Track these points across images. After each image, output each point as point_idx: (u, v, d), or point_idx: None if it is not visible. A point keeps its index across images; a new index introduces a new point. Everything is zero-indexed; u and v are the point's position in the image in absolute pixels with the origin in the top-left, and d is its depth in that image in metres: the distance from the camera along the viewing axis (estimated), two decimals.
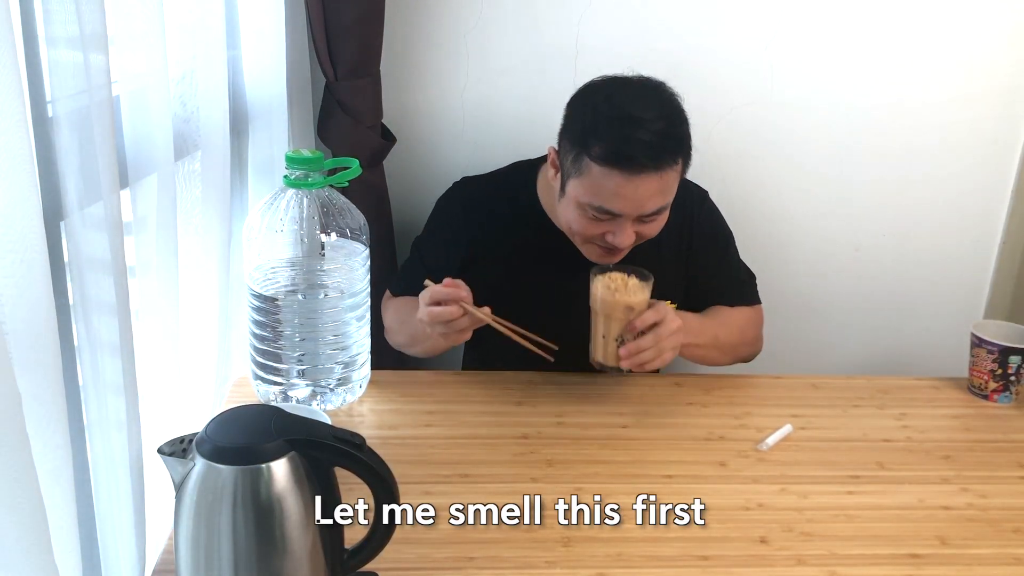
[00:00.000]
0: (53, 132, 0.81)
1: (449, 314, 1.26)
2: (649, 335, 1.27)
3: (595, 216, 1.33)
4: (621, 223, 1.33)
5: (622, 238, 1.33)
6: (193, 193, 1.21)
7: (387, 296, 1.59)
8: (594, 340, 1.32)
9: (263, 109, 1.42)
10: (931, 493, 1.20)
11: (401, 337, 1.52)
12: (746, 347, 1.54)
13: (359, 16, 1.55)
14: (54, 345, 0.76)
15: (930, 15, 1.77)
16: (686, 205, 1.53)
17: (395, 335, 1.54)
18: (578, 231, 1.37)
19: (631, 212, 1.31)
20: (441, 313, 1.26)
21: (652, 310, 1.29)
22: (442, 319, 1.27)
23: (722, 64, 1.78)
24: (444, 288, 1.27)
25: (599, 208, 1.31)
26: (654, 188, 1.30)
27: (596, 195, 1.30)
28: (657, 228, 1.38)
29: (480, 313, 1.28)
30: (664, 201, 1.33)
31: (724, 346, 1.48)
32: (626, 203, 1.30)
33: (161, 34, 0.97)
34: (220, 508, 0.83)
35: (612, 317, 1.28)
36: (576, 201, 1.33)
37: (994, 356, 1.42)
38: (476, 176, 1.60)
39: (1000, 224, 1.94)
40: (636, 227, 1.34)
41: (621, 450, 1.27)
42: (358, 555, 0.92)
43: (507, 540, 1.07)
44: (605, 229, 1.34)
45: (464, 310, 1.27)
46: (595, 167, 1.29)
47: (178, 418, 1.12)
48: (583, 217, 1.34)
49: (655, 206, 1.32)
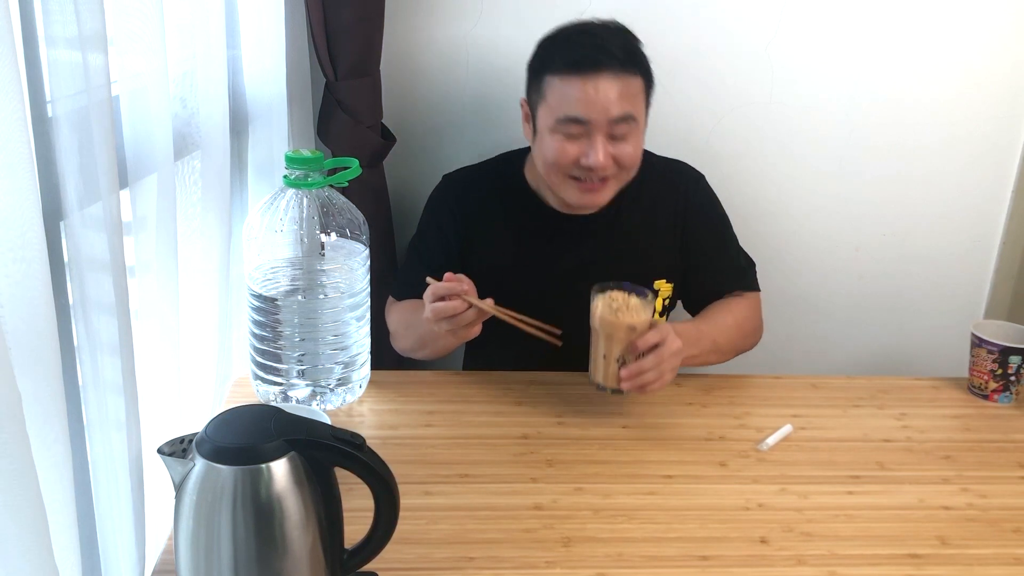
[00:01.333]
0: (53, 132, 0.81)
1: (453, 308, 1.25)
2: (651, 356, 1.26)
3: (566, 134, 1.36)
4: (592, 137, 1.35)
5: (595, 156, 1.35)
6: (193, 193, 1.21)
7: (390, 302, 1.58)
8: (594, 361, 1.29)
9: (263, 109, 1.42)
10: (931, 493, 1.20)
11: (408, 341, 1.50)
12: (746, 340, 1.54)
13: (359, 16, 1.55)
14: (54, 345, 0.76)
15: (930, 15, 1.77)
16: (680, 183, 1.57)
17: (402, 340, 1.53)
18: (554, 159, 1.38)
19: (597, 116, 1.34)
20: (445, 308, 1.26)
21: (654, 331, 1.27)
22: (446, 314, 1.26)
23: (722, 64, 1.78)
24: (445, 283, 1.27)
25: (566, 118, 1.35)
26: (615, 90, 1.34)
27: (561, 106, 1.35)
28: (631, 154, 1.39)
29: (483, 304, 1.27)
30: (630, 107, 1.36)
31: (724, 348, 1.48)
32: (590, 107, 1.33)
33: (161, 34, 0.97)
34: (220, 508, 0.83)
35: (614, 338, 1.26)
36: (547, 128, 1.38)
37: (994, 356, 1.42)
38: (461, 169, 1.62)
39: (1000, 224, 1.94)
40: (610, 147, 1.36)
41: (621, 450, 1.27)
42: (358, 555, 0.92)
43: (507, 540, 1.07)
44: (578, 151, 1.36)
45: (468, 303, 1.26)
46: (557, 80, 1.35)
47: (178, 418, 1.12)
48: (556, 142, 1.37)
49: (620, 110, 1.35)
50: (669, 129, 1.79)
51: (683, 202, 1.55)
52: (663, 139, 1.75)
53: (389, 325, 1.56)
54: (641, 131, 1.41)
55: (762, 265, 1.88)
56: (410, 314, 1.48)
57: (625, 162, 1.39)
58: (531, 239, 1.52)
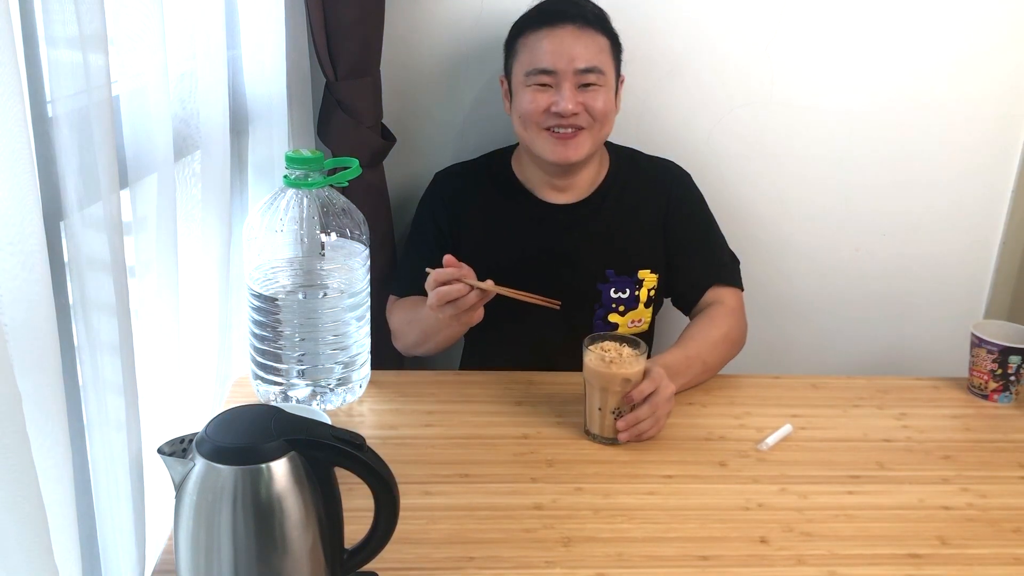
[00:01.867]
0: (53, 132, 0.81)
1: (457, 291, 1.27)
2: (646, 407, 1.26)
3: (538, 85, 1.46)
4: (561, 85, 1.45)
5: (564, 102, 1.44)
6: (193, 193, 1.21)
7: (391, 301, 1.60)
8: (589, 413, 1.28)
9: (263, 109, 1.42)
10: (931, 493, 1.20)
11: (411, 336, 1.51)
12: (733, 349, 1.53)
13: (359, 16, 1.55)
14: (54, 345, 0.76)
15: (930, 15, 1.77)
16: (665, 179, 1.62)
17: (404, 337, 1.53)
18: (527, 111, 1.47)
19: (563, 64, 1.44)
20: (448, 292, 1.27)
21: (648, 380, 1.26)
22: (449, 297, 1.27)
23: (722, 64, 1.78)
24: (446, 270, 1.28)
25: (535, 70, 1.46)
26: (580, 42, 1.45)
27: (531, 59, 1.47)
28: (600, 102, 1.47)
29: (484, 285, 1.28)
30: (596, 60, 1.46)
31: (713, 365, 1.48)
32: (557, 57, 1.44)
33: (161, 34, 0.97)
34: (220, 508, 0.83)
35: (609, 390, 1.24)
36: (521, 84, 1.48)
37: (994, 356, 1.42)
38: (452, 165, 1.68)
39: (1000, 224, 1.94)
40: (578, 96, 1.45)
41: (621, 450, 1.27)
42: (358, 555, 0.92)
43: (507, 540, 1.07)
44: (549, 99, 1.46)
45: (469, 286, 1.27)
46: (528, 38, 1.48)
47: (178, 418, 1.12)
48: (528, 94, 1.47)
49: (586, 60, 1.45)
50: (669, 129, 1.79)
51: (666, 197, 1.60)
52: (663, 139, 1.76)
53: (391, 324, 1.57)
54: (611, 87, 1.49)
55: (761, 265, 1.88)
56: (412, 310, 1.50)
57: (594, 111, 1.46)
58: (521, 229, 1.56)
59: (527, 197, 1.58)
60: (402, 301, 1.56)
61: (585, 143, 1.48)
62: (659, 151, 1.67)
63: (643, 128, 1.77)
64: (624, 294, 1.57)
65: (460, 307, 1.28)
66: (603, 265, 1.56)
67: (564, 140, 1.47)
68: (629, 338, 1.30)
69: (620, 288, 1.57)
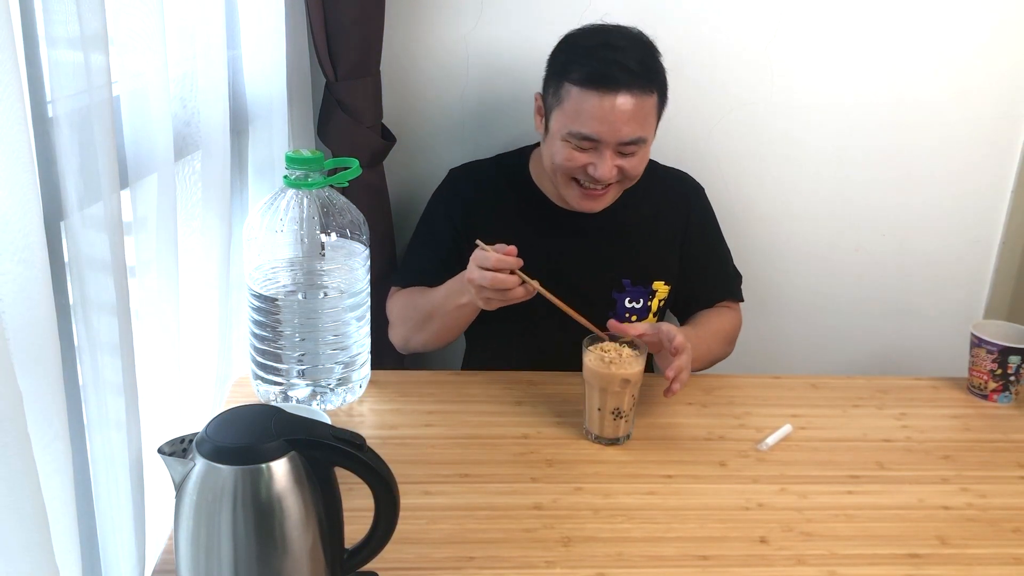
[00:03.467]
0: (53, 132, 0.81)
1: (511, 282, 1.26)
2: (684, 356, 1.29)
3: (577, 146, 1.39)
4: (601, 152, 1.39)
5: (603, 169, 1.39)
6: (193, 193, 1.21)
7: (393, 291, 1.58)
8: (589, 413, 1.28)
9: (263, 109, 1.42)
10: (931, 493, 1.20)
11: (412, 321, 1.49)
12: (724, 348, 1.58)
13: (359, 16, 1.55)
14: (54, 345, 0.76)
15: (930, 15, 1.77)
16: (684, 193, 1.62)
17: (402, 326, 1.52)
18: (561, 164, 1.42)
19: (609, 137, 1.37)
20: (504, 280, 1.26)
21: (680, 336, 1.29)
22: (501, 285, 1.26)
23: (722, 63, 1.78)
24: (505, 257, 1.27)
25: (578, 134, 1.38)
26: (630, 111, 1.36)
27: (575, 120, 1.37)
28: (637, 166, 1.43)
29: (534, 283, 1.27)
30: (641, 131, 1.39)
31: (712, 355, 1.52)
32: (603, 126, 1.36)
33: (161, 34, 0.97)
34: (220, 508, 0.83)
35: (608, 391, 1.24)
36: (559, 134, 1.41)
37: (994, 356, 1.42)
38: (467, 163, 1.65)
39: (1000, 224, 1.94)
40: (617, 160, 1.40)
41: (621, 450, 1.27)
42: (358, 555, 0.92)
43: (507, 540, 1.07)
44: (586, 160, 1.40)
45: (521, 278, 1.27)
46: (574, 90, 1.37)
47: (178, 418, 1.12)
48: (565, 149, 1.40)
49: (631, 133, 1.37)
50: (669, 129, 1.79)
51: (686, 212, 1.60)
52: (663, 139, 1.75)
53: (390, 313, 1.56)
54: (649, 148, 1.44)
55: (761, 265, 1.88)
56: (416, 296, 1.49)
57: (629, 173, 1.43)
58: (534, 233, 1.53)
59: (544, 201, 1.55)
60: (405, 291, 1.55)
61: (612, 196, 1.46)
62: (659, 151, 1.66)
63: None
64: (638, 304, 1.57)
65: (505, 298, 1.27)
66: (620, 274, 1.55)
67: (592, 196, 1.44)
68: (630, 340, 1.30)
69: (635, 298, 1.56)
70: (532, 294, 1.29)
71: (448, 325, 1.44)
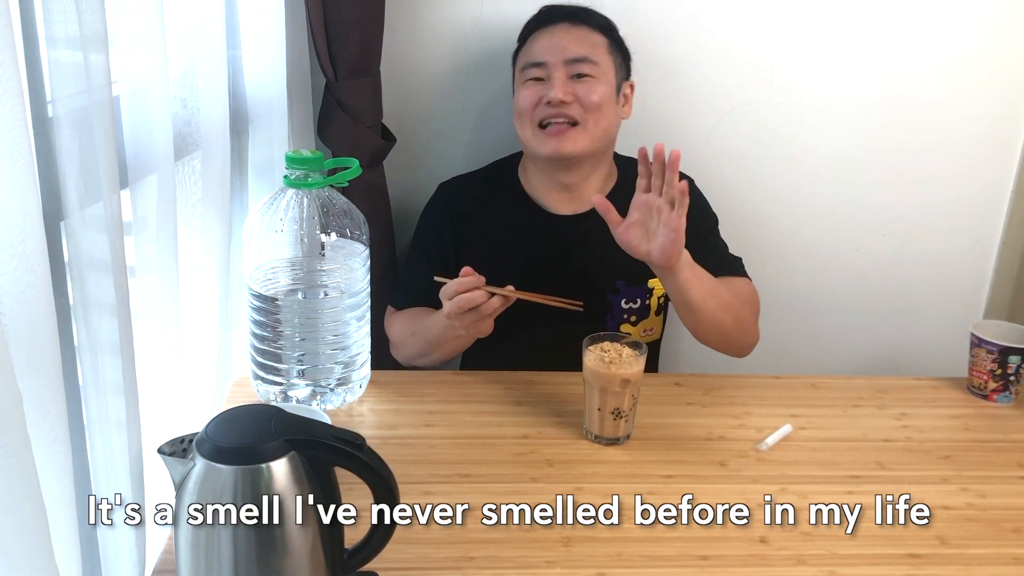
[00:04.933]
0: (53, 132, 0.81)
1: (480, 297, 1.27)
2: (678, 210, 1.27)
3: (532, 79, 1.49)
4: (552, 76, 1.47)
5: (555, 91, 1.45)
6: (193, 193, 1.21)
7: (389, 312, 1.59)
8: (589, 413, 1.28)
9: (263, 109, 1.42)
10: (931, 493, 1.20)
11: (414, 347, 1.51)
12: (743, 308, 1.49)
13: (359, 16, 1.55)
14: (54, 345, 0.76)
15: (930, 14, 1.77)
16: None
17: (406, 347, 1.53)
18: (524, 106, 1.49)
19: (554, 56, 1.47)
20: (472, 298, 1.27)
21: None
22: (472, 303, 1.27)
23: (722, 64, 1.78)
24: (467, 278, 1.28)
25: (529, 64, 1.49)
26: (572, 35, 1.48)
27: (525, 58, 1.51)
28: (590, 93, 1.47)
29: (505, 291, 1.29)
30: (586, 51, 1.47)
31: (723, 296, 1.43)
32: (547, 50, 1.48)
33: (161, 34, 0.97)
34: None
35: (608, 391, 1.24)
36: (519, 85, 1.51)
37: (994, 356, 1.42)
38: (456, 177, 1.66)
39: (1000, 224, 1.94)
40: (571, 86, 1.46)
41: (621, 450, 1.27)
42: (358, 555, 0.92)
43: (507, 540, 1.07)
44: (542, 90, 1.47)
45: (490, 292, 1.28)
46: (526, 42, 1.52)
47: (178, 418, 1.12)
48: (524, 91, 1.49)
49: (577, 51, 1.47)
50: (669, 129, 1.79)
51: None
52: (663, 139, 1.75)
53: (391, 335, 1.57)
54: (608, 82, 1.49)
55: (762, 265, 1.88)
56: (415, 321, 1.49)
57: (587, 102, 1.46)
58: (528, 241, 1.54)
59: (534, 208, 1.56)
60: (402, 312, 1.56)
61: (580, 138, 1.47)
62: None
63: (643, 128, 1.77)
64: (636, 304, 1.56)
65: (482, 313, 1.28)
66: (613, 276, 1.54)
67: (557, 134, 1.46)
68: (631, 339, 1.30)
69: (631, 298, 1.56)
70: (511, 301, 1.30)
71: (450, 350, 1.46)
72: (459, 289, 1.28)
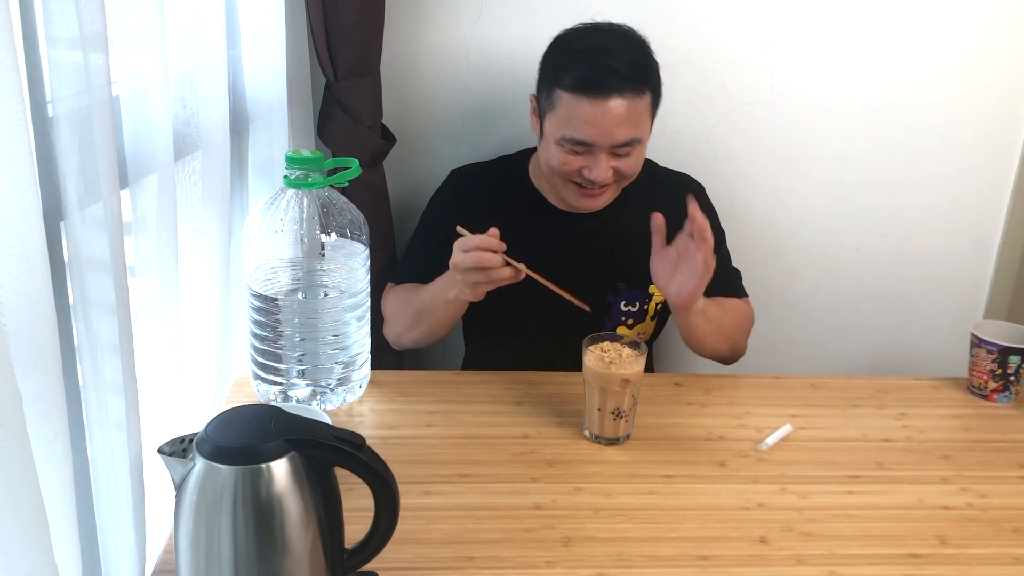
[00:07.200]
0: (53, 132, 0.81)
1: (495, 261, 1.26)
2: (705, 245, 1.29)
3: (571, 150, 1.39)
4: (595, 155, 1.39)
5: (598, 172, 1.39)
6: (193, 193, 1.21)
7: (388, 288, 1.59)
8: (588, 413, 1.28)
9: (263, 109, 1.42)
10: (931, 493, 1.20)
11: (403, 319, 1.50)
12: (739, 336, 1.54)
13: (359, 16, 1.55)
14: (54, 345, 0.76)
15: (930, 15, 1.77)
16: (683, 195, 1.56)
17: (395, 322, 1.53)
18: (557, 167, 1.42)
19: (602, 140, 1.37)
20: (488, 258, 1.26)
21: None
22: (486, 263, 1.26)
23: (722, 64, 1.78)
24: (487, 237, 1.27)
25: (572, 139, 1.38)
26: (622, 115, 1.36)
27: (568, 125, 1.37)
28: (633, 166, 1.42)
29: (519, 266, 1.28)
30: (635, 132, 1.38)
31: (727, 329, 1.48)
32: (596, 131, 1.36)
33: (161, 34, 0.97)
34: (220, 508, 0.83)
35: (608, 391, 1.24)
36: (552, 138, 1.40)
37: (994, 356, 1.42)
38: (468, 164, 1.65)
39: (1000, 224, 1.94)
40: (612, 162, 1.39)
41: (621, 450, 1.27)
42: (358, 555, 0.92)
43: (507, 540, 1.07)
44: (582, 164, 1.40)
45: (505, 260, 1.27)
46: (565, 96, 1.36)
47: (178, 418, 1.12)
48: (560, 152, 1.40)
49: (625, 135, 1.37)
50: (669, 129, 1.79)
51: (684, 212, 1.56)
52: (663, 139, 1.75)
53: (385, 309, 1.57)
54: (646, 137, 1.43)
55: (761, 265, 1.88)
56: (410, 293, 1.50)
57: (625, 173, 1.43)
58: (533, 236, 1.53)
59: (542, 204, 1.55)
60: (399, 287, 1.56)
61: (611, 194, 1.46)
62: (660, 151, 1.67)
63: None
64: (634, 307, 1.56)
65: (489, 277, 1.27)
66: (615, 278, 1.54)
67: (590, 194, 1.44)
68: (631, 340, 1.30)
69: (631, 301, 1.56)
70: (520, 276, 1.29)
71: (438, 320, 1.45)
72: (480, 245, 1.27)
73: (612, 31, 1.41)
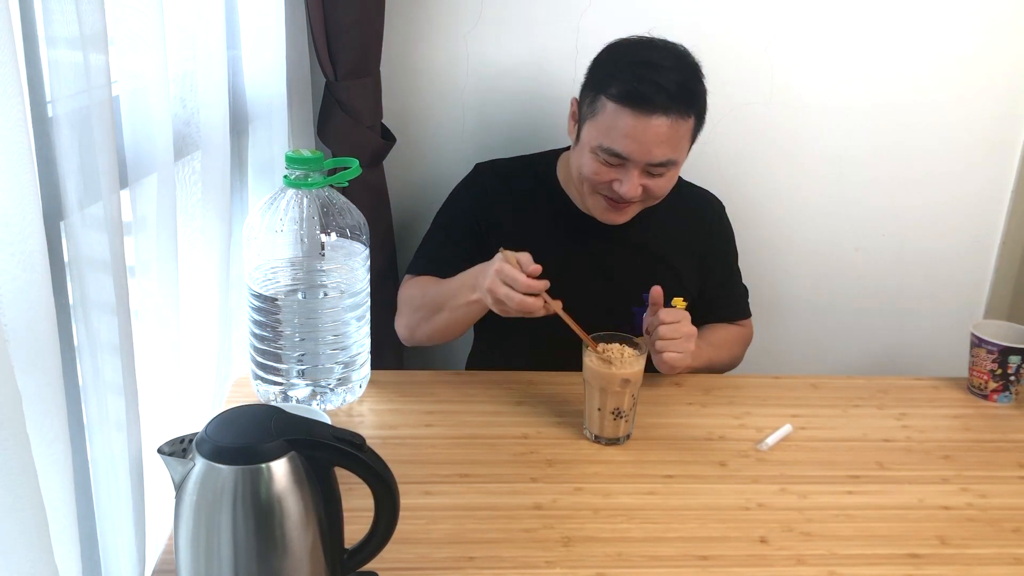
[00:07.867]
0: (53, 132, 0.81)
1: (536, 309, 1.25)
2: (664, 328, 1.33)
3: (605, 160, 1.37)
4: (628, 170, 1.37)
5: (628, 187, 1.37)
6: (193, 193, 1.21)
7: (406, 279, 1.56)
8: (589, 413, 1.28)
9: (263, 109, 1.42)
10: (931, 493, 1.20)
11: (417, 314, 1.47)
12: (734, 361, 1.60)
13: (359, 16, 1.55)
14: (54, 345, 0.76)
15: (930, 15, 1.77)
16: (708, 213, 1.61)
17: (409, 315, 1.49)
18: (588, 176, 1.40)
19: (638, 157, 1.35)
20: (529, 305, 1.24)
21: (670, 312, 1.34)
22: (527, 312, 1.25)
23: (723, 64, 1.78)
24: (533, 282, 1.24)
25: (609, 150, 1.35)
26: (663, 134, 1.33)
27: (607, 135, 1.35)
28: (664, 186, 1.41)
29: (554, 305, 1.26)
30: (672, 154, 1.37)
31: (715, 366, 1.54)
32: (635, 146, 1.34)
33: (161, 34, 0.97)
34: (220, 508, 0.83)
35: (608, 391, 1.24)
36: (589, 145, 1.38)
37: (994, 356, 1.42)
38: (495, 159, 1.63)
39: (1000, 224, 1.95)
40: (643, 180, 1.38)
41: (621, 450, 1.27)
42: (358, 555, 0.92)
43: (507, 540, 1.07)
44: (613, 176, 1.38)
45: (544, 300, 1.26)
46: (610, 105, 1.34)
47: (178, 418, 1.12)
48: (594, 162, 1.38)
49: (662, 155, 1.35)
50: None
51: (708, 234, 1.60)
52: None
53: (401, 298, 1.53)
54: (678, 169, 1.42)
55: (762, 265, 1.88)
56: (428, 285, 1.47)
57: (654, 193, 1.42)
58: (555, 237, 1.52)
59: (568, 207, 1.53)
60: (417, 279, 1.53)
61: (635, 210, 1.45)
62: None
63: None
64: None
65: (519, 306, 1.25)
66: (641, 288, 1.51)
67: (616, 208, 1.43)
68: (629, 338, 1.30)
69: None
70: (551, 312, 1.27)
71: (456, 320, 1.42)
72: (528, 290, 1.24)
73: (667, 48, 1.39)
